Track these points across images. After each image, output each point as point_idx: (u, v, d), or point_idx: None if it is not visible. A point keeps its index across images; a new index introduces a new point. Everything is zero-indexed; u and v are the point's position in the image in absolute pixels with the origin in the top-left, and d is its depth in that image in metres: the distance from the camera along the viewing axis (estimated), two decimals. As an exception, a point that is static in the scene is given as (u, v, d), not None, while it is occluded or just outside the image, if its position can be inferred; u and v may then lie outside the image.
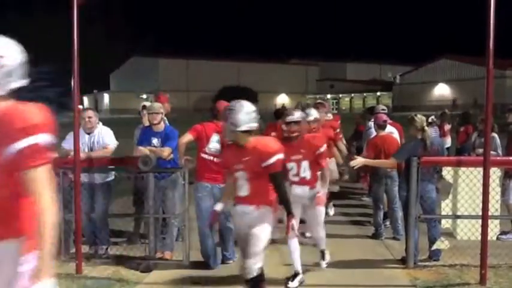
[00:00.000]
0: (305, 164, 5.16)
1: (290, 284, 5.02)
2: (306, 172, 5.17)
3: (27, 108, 2.16)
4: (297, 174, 5.19)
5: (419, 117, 5.81)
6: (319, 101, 8.36)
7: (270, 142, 4.11)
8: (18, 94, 2.29)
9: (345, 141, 8.48)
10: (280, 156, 3.97)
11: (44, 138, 2.15)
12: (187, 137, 5.57)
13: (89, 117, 6.07)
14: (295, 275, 5.07)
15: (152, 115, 6.05)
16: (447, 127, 11.88)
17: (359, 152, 9.29)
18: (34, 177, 2.11)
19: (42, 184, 2.14)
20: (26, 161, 2.10)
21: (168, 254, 5.95)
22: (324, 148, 5.21)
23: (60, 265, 5.66)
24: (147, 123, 6.46)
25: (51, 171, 2.20)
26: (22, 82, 2.30)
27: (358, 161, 5.88)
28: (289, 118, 5.17)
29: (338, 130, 7.74)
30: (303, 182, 5.23)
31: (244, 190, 4.09)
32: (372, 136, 7.23)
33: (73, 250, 5.83)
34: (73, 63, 5.29)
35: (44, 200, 2.14)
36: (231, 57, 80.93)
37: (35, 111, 2.16)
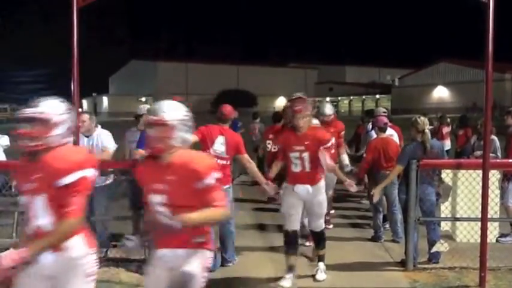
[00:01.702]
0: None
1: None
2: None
3: None
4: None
5: (422, 120, 5.82)
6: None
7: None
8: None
9: (346, 147, 8.49)
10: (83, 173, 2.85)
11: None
12: (192, 138, 5.58)
13: (83, 121, 6.07)
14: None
15: None
16: (446, 130, 11.89)
17: (358, 154, 9.33)
18: None
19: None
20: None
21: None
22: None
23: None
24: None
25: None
26: None
27: (377, 192, 6.13)
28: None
29: (343, 133, 7.46)
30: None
31: None
32: (372, 138, 7.25)
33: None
34: (73, 66, 5.29)
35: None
36: (229, 61, 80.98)
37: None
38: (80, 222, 2.84)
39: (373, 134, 7.41)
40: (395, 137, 7.31)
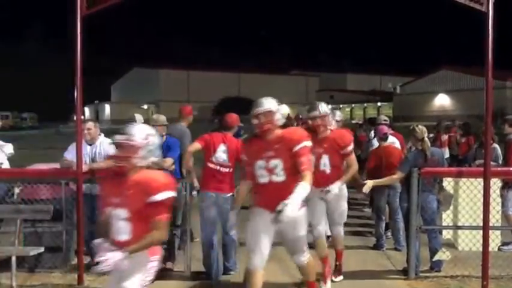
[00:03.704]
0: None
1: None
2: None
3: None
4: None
5: (420, 128, 5.83)
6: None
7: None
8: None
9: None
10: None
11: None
12: (196, 146, 5.62)
13: (88, 129, 6.09)
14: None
15: (161, 127, 6.16)
16: (444, 137, 11.88)
17: (359, 161, 9.31)
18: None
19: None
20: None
21: (169, 264, 5.95)
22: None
23: (61, 276, 5.68)
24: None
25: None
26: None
27: (368, 185, 5.94)
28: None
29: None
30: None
31: None
32: (375, 147, 7.27)
33: (75, 261, 5.83)
34: (76, 74, 5.33)
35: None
36: (231, 68, 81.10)
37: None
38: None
39: (375, 142, 7.43)
40: (397, 145, 7.32)
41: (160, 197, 3.22)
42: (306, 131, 4.55)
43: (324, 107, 5.34)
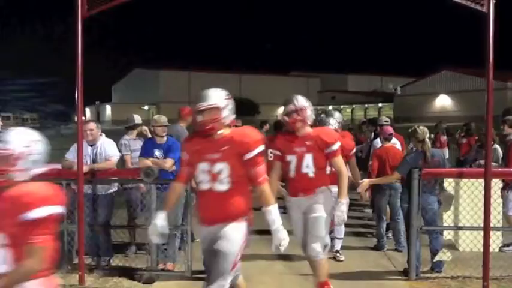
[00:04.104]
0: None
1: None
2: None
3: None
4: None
5: (421, 129, 5.83)
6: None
7: None
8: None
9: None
10: None
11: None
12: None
13: (90, 130, 6.09)
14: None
15: (162, 128, 6.16)
16: (443, 138, 11.88)
17: (358, 162, 9.31)
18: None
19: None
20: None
21: (170, 265, 5.96)
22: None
23: (63, 276, 5.67)
24: (149, 136, 6.54)
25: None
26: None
27: (364, 184, 5.96)
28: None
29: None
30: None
31: None
32: (377, 147, 7.27)
33: (76, 261, 5.83)
34: (77, 75, 5.34)
35: None
36: (232, 69, 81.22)
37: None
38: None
39: (378, 143, 7.42)
40: (399, 146, 7.32)
41: (34, 214, 2.45)
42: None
43: (301, 100, 4.58)
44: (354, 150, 5.88)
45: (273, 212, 3.54)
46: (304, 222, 4.60)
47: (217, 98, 3.62)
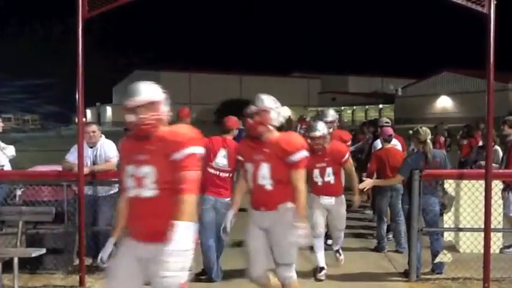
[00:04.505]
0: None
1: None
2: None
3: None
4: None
5: (424, 130, 5.82)
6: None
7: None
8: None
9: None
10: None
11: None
12: None
13: (93, 132, 6.11)
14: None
15: None
16: (442, 140, 11.89)
17: (358, 163, 9.32)
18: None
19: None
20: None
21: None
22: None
23: (63, 277, 5.69)
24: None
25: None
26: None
27: (367, 182, 5.98)
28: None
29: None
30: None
31: None
32: (377, 149, 7.27)
33: (76, 262, 5.84)
34: (78, 76, 5.34)
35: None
36: (233, 70, 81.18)
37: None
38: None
39: (378, 144, 7.42)
40: (399, 147, 7.32)
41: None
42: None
43: (265, 100, 4.08)
44: (347, 156, 5.71)
45: (176, 228, 2.76)
46: (268, 242, 4.00)
47: (152, 91, 3.18)
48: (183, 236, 2.77)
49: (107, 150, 6.16)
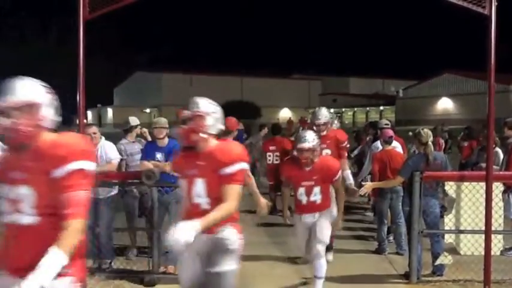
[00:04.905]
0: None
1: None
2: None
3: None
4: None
5: (425, 132, 5.82)
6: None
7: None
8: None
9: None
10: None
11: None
12: None
13: (94, 133, 6.14)
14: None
15: (159, 129, 6.15)
16: (442, 141, 11.89)
17: (358, 164, 9.33)
18: None
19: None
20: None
21: (171, 268, 5.94)
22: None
23: (63, 279, 5.67)
24: (149, 138, 6.54)
25: None
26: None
27: (367, 186, 5.96)
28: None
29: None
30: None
31: None
32: (378, 151, 7.27)
33: (77, 264, 5.82)
34: (79, 78, 5.34)
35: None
36: (234, 72, 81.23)
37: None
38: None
39: (379, 146, 7.42)
40: (399, 149, 7.32)
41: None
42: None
43: (202, 104, 3.44)
44: (339, 175, 5.05)
45: (49, 258, 2.21)
46: (202, 269, 3.28)
47: (29, 90, 2.41)
48: (49, 268, 2.19)
49: (108, 152, 6.18)
